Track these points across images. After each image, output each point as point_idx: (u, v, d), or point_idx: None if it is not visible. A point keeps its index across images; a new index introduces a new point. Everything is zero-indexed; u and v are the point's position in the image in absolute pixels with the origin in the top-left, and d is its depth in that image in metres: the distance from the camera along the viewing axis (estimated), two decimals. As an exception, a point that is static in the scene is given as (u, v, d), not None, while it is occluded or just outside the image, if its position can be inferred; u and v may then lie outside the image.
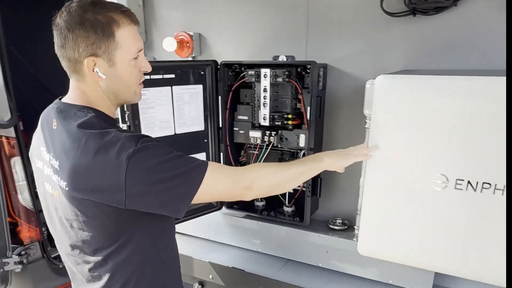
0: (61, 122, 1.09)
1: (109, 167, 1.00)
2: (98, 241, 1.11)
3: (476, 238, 1.33)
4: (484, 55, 1.59)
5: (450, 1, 1.54)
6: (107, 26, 1.04)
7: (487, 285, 1.65)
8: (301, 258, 1.99)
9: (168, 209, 1.09)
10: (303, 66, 1.82)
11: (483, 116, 1.22)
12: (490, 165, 1.24)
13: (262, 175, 1.22)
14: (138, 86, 1.19)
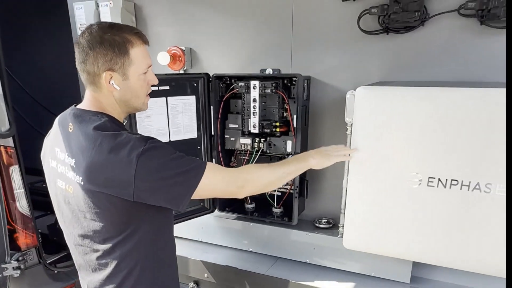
0: (78, 126, 1.21)
1: (121, 164, 1.12)
2: (107, 231, 1.21)
3: (447, 228, 1.46)
4: (448, 68, 1.74)
5: (418, 22, 1.69)
6: (123, 45, 1.19)
7: (459, 273, 1.79)
8: (290, 255, 2.08)
9: (171, 203, 1.21)
10: (289, 78, 1.94)
11: (449, 121, 1.36)
12: (457, 164, 1.39)
13: (254, 176, 1.37)
14: (146, 97, 1.33)
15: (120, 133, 1.17)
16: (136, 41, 1.22)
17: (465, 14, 1.63)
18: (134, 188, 1.12)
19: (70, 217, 1.27)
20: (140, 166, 1.11)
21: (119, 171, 1.13)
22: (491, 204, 1.37)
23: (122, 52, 1.19)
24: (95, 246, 1.25)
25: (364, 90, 1.49)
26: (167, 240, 1.39)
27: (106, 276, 1.27)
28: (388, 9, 1.72)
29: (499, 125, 1.29)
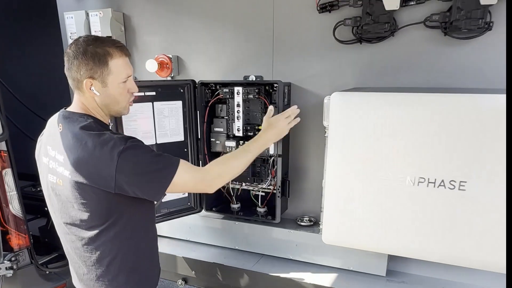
0: (66, 126, 1.35)
1: (104, 160, 1.26)
2: (92, 219, 1.35)
3: (418, 223, 1.54)
4: (415, 75, 1.84)
5: (388, 32, 1.80)
6: (103, 56, 1.33)
7: (433, 266, 1.92)
8: (274, 252, 2.17)
9: (147, 195, 1.37)
10: (270, 85, 2.03)
11: (417, 123, 1.45)
12: (424, 163, 1.48)
13: (221, 173, 1.51)
14: (127, 103, 1.47)
15: (104, 132, 1.31)
16: (116, 53, 1.35)
17: (430, 26, 1.75)
18: (115, 182, 1.27)
19: (59, 208, 1.41)
20: (121, 162, 1.25)
21: (102, 166, 1.27)
22: (459, 200, 1.46)
23: (101, 62, 1.33)
24: (81, 233, 1.38)
25: (339, 95, 1.58)
26: (147, 230, 1.52)
27: (92, 262, 1.40)
28: (361, 20, 1.83)
29: (464, 127, 1.39)
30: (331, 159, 1.65)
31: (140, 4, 2.40)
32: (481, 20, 1.62)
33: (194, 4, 2.26)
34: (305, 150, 2.17)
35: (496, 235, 1.44)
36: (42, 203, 3.20)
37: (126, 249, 1.42)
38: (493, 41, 1.68)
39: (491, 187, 1.40)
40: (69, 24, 2.48)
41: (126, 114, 1.53)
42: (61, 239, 1.50)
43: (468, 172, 1.43)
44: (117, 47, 1.37)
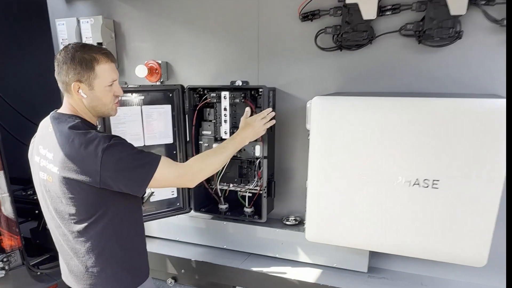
0: (56, 126, 1.44)
1: (89, 157, 1.34)
2: (80, 213, 1.42)
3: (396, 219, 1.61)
4: (392, 81, 1.93)
5: (366, 40, 1.88)
6: (90, 62, 1.42)
7: (412, 263, 2.00)
8: (261, 251, 2.23)
9: (131, 189, 1.43)
10: (256, 90, 2.10)
11: (392, 126, 1.53)
12: (400, 163, 1.55)
13: (200, 169, 1.59)
14: (113, 105, 1.55)
15: (90, 131, 1.40)
16: (102, 59, 1.44)
17: (405, 34, 1.84)
18: (100, 177, 1.35)
19: (50, 203, 1.48)
20: (105, 158, 1.34)
21: (88, 162, 1.35)
22: (433, 197, 1.54)
23: (88, 67, 1.42)
24: (70, 227, 1.45)
25: (320, 99, 1.64)
26: (134, 225, 1.59)
27: (82, 254, 1.47)
28: (341, 29, 1.92)
29: (434, 129, 1.47)
30: (313, 160, 1.71)
31: (130, 11, 2.46)
32: (451, 29, 1.72)
33: (182, 12, 2.33)
34: (290, 152, 2.24)
35: (469, 230, 1.52)
36: (33, 206, 3.24)
37: (113, 242, 1.49)
38: (463, 49, 1.78)
39: (462, 185, 1.49)
40: (60, 30, 2.52)
41: (113, 115, 1.61)
42: (54, 233, 1.56)
43: (440, 171, 1.51)
44: (103, 53, 1.46)
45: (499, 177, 1.44)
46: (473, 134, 1.43)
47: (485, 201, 1.48)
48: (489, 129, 1.41)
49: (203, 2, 2.26)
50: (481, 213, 1.50)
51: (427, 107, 1.49)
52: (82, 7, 2.58)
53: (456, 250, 1.58)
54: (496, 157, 1.42)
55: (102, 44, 2.45)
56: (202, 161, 1.62)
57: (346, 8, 1.88)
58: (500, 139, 1.40)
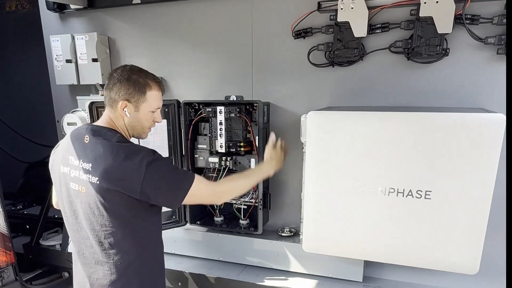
0: (95, 137, 1.44)
1: (133, 168, 1.38)
2: (112, 225, 1.43)
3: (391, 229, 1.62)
4: (382, 96, 1.96)
5: (358, 57, 1.92)
6: (143, 86, 1.49)
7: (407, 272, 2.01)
8: (257, 262, 2.22)
9: (167, 203, 1.50)
10: (250, 104, 2.12)
11: (384, 139, 1.55)
12: (393, 175, 1.56)
13: (229, 189, 1.66)
14: (148, 129, 1.62)
15: (134, 144, 1.47)
16: (154, 86, 1.52)
17: (395, 51, 1.89)
18: (141, 188, 1.38)
19: (81, 213, 1.47)
20: (148, 171, 1.38)
21: (131, 173, 1.38)
22: (426, 208, 1.55)
23: (140, 91, 1.48)
24: (100, 239, 1.45)
25: (314, 114, 1.65)
26: (157, 240, 1.62)
27: (108, 268, 1.46)
28: (333, 46, 1.96)
29: (427, 141, 1.50)
30: (309, 172, 1.71)
31: (124, 28, 2.46)
32: (438, 46, 1.77)
33: (177, 28, 2.33)
34: (284, 165, 2.20)
35: (461, 239, 1.55)
36: (25, 221, 3.16)
37: (140, 257, 1.50)
38: (450, 65, 1.83)
39: (454, 195, 1.51)
40: (54, 47, 2.50)
41: (144, 138, 1.66)
42: (79, 245, 1.54)
43: (432, 182, 1.53)
44: (156, 81, 1.53)
45: (489, 188, 1.47)
46: (464, 147, 1.46)
47: (476, 211, 1.51)
48: (479, 143, 1.44)
49: (197, 19, 2.27)
50: (472, 223, 1.52)
51: (418, 121, 1.52)
52: (76, 23, 2.57)
53: (449, 258, 1.60)
54: (486, 169, 1.45)
55: (97, 60, 2.44)
56: (233, 182, 1.68)
57: (338, 26, 1.92)
58: (490, 152, 1.43)
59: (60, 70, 2.54)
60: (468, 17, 1.73)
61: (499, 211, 1.78)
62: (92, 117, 2.00)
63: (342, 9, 1.87)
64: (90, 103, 2.00)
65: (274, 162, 1.84)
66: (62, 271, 2.66)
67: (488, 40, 1.71)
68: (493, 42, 1.71)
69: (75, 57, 2.49)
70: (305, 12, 1.99)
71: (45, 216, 2.80)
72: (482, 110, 1.61)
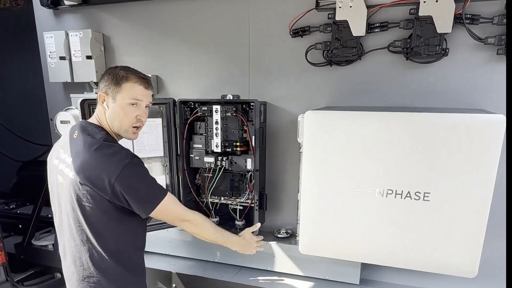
0: (81, 133, 1.45)
1: (108, 168, 1.36)
2: (85, 222, 1.41)
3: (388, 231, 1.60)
4: (380, 95, 1.93)
5: (356, 56, 1.89)
6: (121, 78, 1.46)
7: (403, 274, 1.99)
8: (252, 264, 2.18)
9: (137, 208, 1.43)
10: (247, 103, 2.08)
11: (382, 139, 1.53)
12: (391, 176, 1.54)
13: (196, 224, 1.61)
14: (130, 127, 1.51)
15: (114, 145, 1.44)
16: (133, 79, 1.47)
17: (394, 51, 1.86)
18: (112, 189, 1.35)
19: (63, 207, 1.49)
20: (122, 173, 1.35)
21: (105, 173, 1.35)
22: (424, 210, 1.53)
23: (117, 82, 1.46)
24: (75, 234, 1.45)
25: (312, 113, 1.63)
26: (137, 244, 1.58)
27: (80, 264, 1.46)
28: (331, 45, 1.92)
29: (426, 142, 1.47)
30: (306, 173, 1.69)
31: (119, 25, 2.41)
32: (438, 46, 1.74)
33: (173, 26, 2.29)
34: (281, 165, 2.21)
35: (460, 241, 1.52)
36: (17, 221, 3.10)
37: (112, 256, 1.46)
38: (449, 66, 1.80)
39: (453, 198, 1.49)
40: (48, 43, 2.44)
41: (132, 138, 1.58)
42: (61, 238, 1.55)
43: (431, 184, 1.51)
44: (138, 76, 1.49)
45: (488, 190, 1.44)
46: (463, 148, 1.44)
47: (475, 213, 1.48)
48: (478, 144, 1.42)
49: (194, 17, 2.23)
50: (471, 225, 1.50)
51: (417, 122, 1.49)
52: (70, 20, 2.51)
53: (447, 261, 1.57)
54: (485, 171, 1.43)
55: (91, 57, 2.38)
56: (203, 222, 1.65)
57: (336, 25, 1.89)
58: (489, 153, 1.41)
59: (53, 67, 2.48)
60: (468, 16, 1.70)
61: (498, 213, 1.75)
62: (84, 115, 1.95)
63: (340, 8, 1.84)
64: (82, 101, 1.95)
65: (243, 243, 1.81)
66: (54, 271, 2.61)
67: (488, 40, 1.68)
68: (493, 42, 1.68)
69: (69, 54, 2.43)
70: (303, 11, 1.95)
71: (37, 215, 2.75)
72: (481, 111, 1.58)
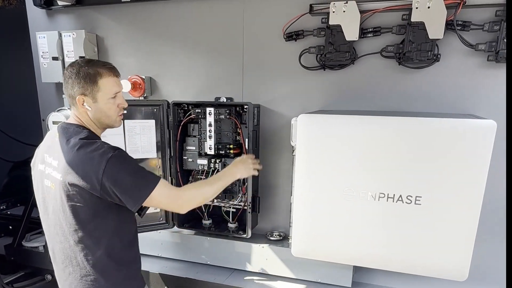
0: (63, 135, 1.45)
1: (93, 165, 1.35)
2: (78, 222, 1.42)
3: (380, 234, 1.60)
4: (373, 100, 1.93)
5: (349, 61, 1.89)
6: (93, 76, 1.44)
7: (395, 277, 1.99)
8: (245, 266, 2.17)
9: (127, 201, 1.41)
10: (241, 106, 2.07)
11: (374, 143, 1.52)
12: (384, 180, 1.54)
13: (194, 196, 1.59)
14: (117, 116, 1.55)
15: (95, 141, 1.43)
16: (105, 73, 1.47)
17: (386, 56, 1.87)
18: (100, 185, 1.35)
19: (51, 210, 1.48)
20: (108, 167, 1.35)
21: (91, 170, 1.35)
22: (416, 213, 1.53)
23: (92, 81, 1.44)
24: (67, 236, 1.45)
25: (305, 117, 1.62)
26: (128, 238, 1.56)
27: (77, 262, 1.46)
28: (324, 49, 1.92)
29: (417, 147, 1.47)
30: (299, 176, 1.68)
31: (113, 26, 2.39)
32: (430, 52, 1.75)
33: (167, 28, 2.27)
34: (274, 168, 2.20)
35: (450, 245, 1.53)
36: (7, 222, 3.05)
37: (107, 253, 1.47)
38: (441, 71, 1.81)
39: (444, 201, 1.49)
40: (41, 43, 2.41)
41: (117, 126, 1.60)
42: (51, 241, 1.54)
43: (422, 188, 1.51)
44: (106, 68, 1.48)
45: (479, 195, 1.45)
46: (454, 153, 1.44)
47: (466, 217, 1.49)
48: (469, 149, 1.42)
49: (188, 19, 2.22)
50: (462, 229, 1.51)
51: (409, 126, 1.50)
52: (64, 20, 2.48)
53: (438, 264, 1.58)
54: (476, 175, 1.44)
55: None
56: (196, 189, 1.62)
57: (330, 29, 1.89)
58: (480, 158, 1.42)
59: (46, 67, 2.45)
60: (459, 23, 1.71)
61: (488, 218, 1.77)
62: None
63: (334, 12, 1.84)
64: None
65: (242, 166, 1.79)
66: (45, 273, 2.57)
67: (478, 46, 1.69)
68: (484, 48, 1.69)
69: (62, 54, 2.40)
70: (297, 15, 1.95)
71: (28, 216, 2.70)
72: (472, 116, 1.59)
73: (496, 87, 1.75)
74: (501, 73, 1.73)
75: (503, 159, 1.69)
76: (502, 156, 1.69)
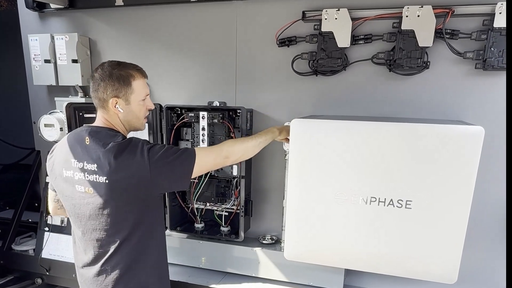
0: (95, 139, 1.43)
1: (136, 159, 1.37)
2: (119, 224, 1.43)
3: (371, 238, 1.60)
4: (364, 105, 1.95)
5: (341, 67, 1.90)
6: (127, 78, 1.46)
7: (385, 280, 2.00)
8: (237, 270, 2.15)
9: (179, 182, 1.47)
10: (234, 110, 2.07)
11: (365, 148, 1.53)
12: (375, 184, 1.55)
13: (234, 148, 1.61)
14: (144, 119, 1.59)
15: (130, 138, 1.45)
16: (137, 75, 1.49)
17: (377, 62, 1.88)
18: (150, 175, 1.37)
19: (87, 216, 1.45)
20: (151, 157, 1.38)
21: (137, 165, 1.37)
22: (406, 217, 1.54)
23: (126, 83, 1.45)
24: (108, 239, 1.44)
25: (298, 122, 1.62)
26: (160, 241, 1.60)
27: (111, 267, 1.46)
28: (316, 55, 1.93)
29: (408, 152, 1.48)
30: (291, 180, 1.68)
31: (106, 30, 2.36)
32: (419, 59, 1.77)
33: (160, 32, 2.26)
34: (267, 172, 2.20)
35: (440, 248, 1.54)
36: (-4, 225, 2.97)
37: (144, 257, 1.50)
38: (430, 78, 1.83)
39: (433, 205, 1.50)
40: (33, 46, 2.37)
41: (142, 129, 1.62)
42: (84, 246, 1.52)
43: (413, 192, 1.52)
44: (137, 70, 1.50)
45: (467, 198, 1.47)
46: (443, 158, 1.46)
47: (455, 221, 1.50)
48: (458, 154, 1.44)
49: (181, 23, 2.21)
50: (451, 232, 1.52)
51: (399, 131, 1.50)
52: (56, 23, 2.45)
53: (428, 267, 1.58)
54: (464, 180, 1.45)
55: (77, 61, 2.33)
56: (235, 142, 1.66)
57: (322, 36, 1.90)
58: (468, 163, 1.43)
59: (38, 70, 2.41)
60: (448, 31, 1.74)
61: (477, 222, 1.80)
62: (68, 119, 1.89)
63: (326, 19, 1.85)
64: (67, 104, 1.90)
65: (278, 130, 1.76)
66: (35, 277, 2.51)
67: (466, 54, 1.72)
68: (472, 56, 1.72)
69: (54, 57, 2.37)
70: (290, 21, 1.96)
71: (18, 220, 2.65)
72: (461, 122, 1.61)
73: (484, 94, 1.78)
74: (488, 81, 1.76)
75: (492, 164, 1.73)
76: (490, 160, 1.71)
